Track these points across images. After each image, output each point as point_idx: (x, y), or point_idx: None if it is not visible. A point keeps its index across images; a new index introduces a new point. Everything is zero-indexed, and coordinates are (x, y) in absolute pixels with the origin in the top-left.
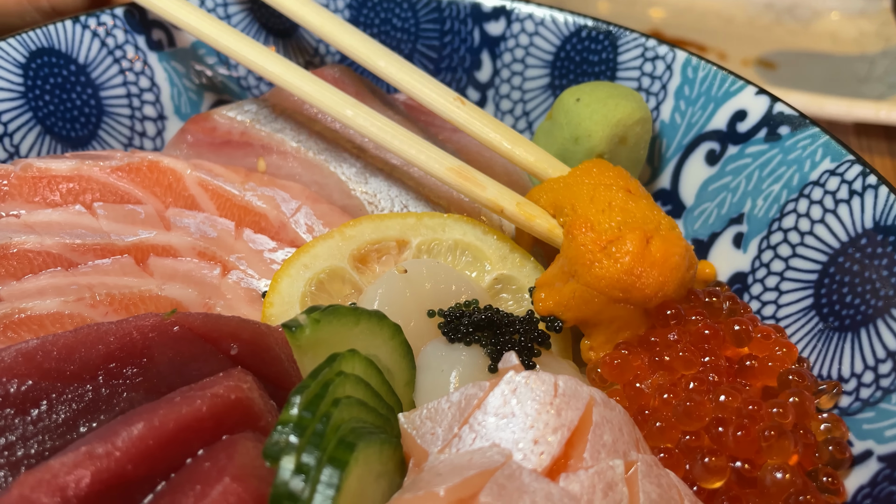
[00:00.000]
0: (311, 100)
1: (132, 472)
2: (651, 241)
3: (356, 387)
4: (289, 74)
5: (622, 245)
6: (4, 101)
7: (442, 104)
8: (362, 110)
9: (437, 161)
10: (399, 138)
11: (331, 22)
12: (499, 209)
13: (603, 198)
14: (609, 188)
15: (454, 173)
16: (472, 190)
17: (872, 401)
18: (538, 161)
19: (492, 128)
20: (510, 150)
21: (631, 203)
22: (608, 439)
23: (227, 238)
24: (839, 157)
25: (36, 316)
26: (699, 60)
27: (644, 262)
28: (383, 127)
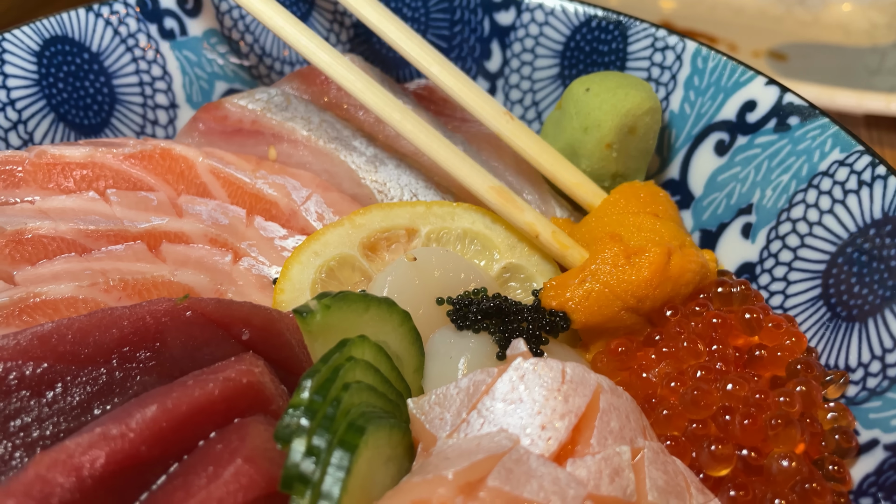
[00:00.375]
0: (369, 104)
1: (146, 453)
2: (671, 256)
3: (366, 372)
4: (369, 92)
5: (645, 257)
6: (19, 89)
7: (492, 117)
8: (409, 116)
9: (481, 180)
10: (450, 158)
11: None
12: (534, 234)
13: (631, 223)
14: (637, 215)
15: (495, 192)
16: (511, 212)
17: (879, 390)
18: (579, 185)
19: (536, 146)
20: (551, 170)
21: (658, 225)
22: (615, 426)
23: (238, 225)
24: (848, 147)
25: (51, 300)
26: (709, 51)
27: (662, 275)
28: (431, 144)
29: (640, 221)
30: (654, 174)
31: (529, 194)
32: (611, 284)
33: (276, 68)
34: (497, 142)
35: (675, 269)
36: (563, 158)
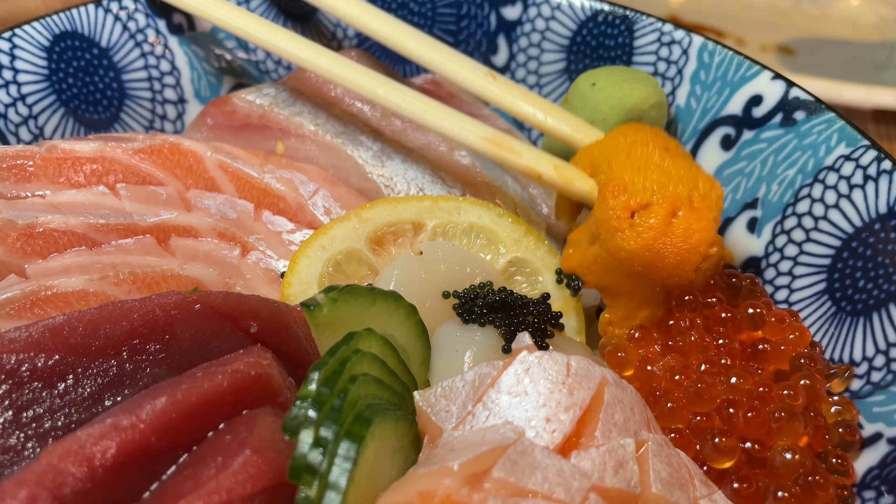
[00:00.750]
0: (340, 81)
1: (156, 443)
2: (678, 213)
3: (372, 364)
4: (319, 58)
5: (646, 218)
6: (29, 84)
7: (472, 81)
8: (393, 87)
9: (472, 132)
10: (431, 112)
11: (357, 7)
12: (536, 175)
13: (640, 154)
14: (646, 145)
15: (489, 143)
16: (508, 158)
17: (883, 384)
18: (574, 130)
19: (524, 100)
20: (544, 122)
21: (668, 161)
22: (619, 419)
23: (246, 219)
24: (854, 142)
25: (62, 293)
26: (715, 45)
27: (665, 238)
28: (415, 102)
29: (648, 154)
30: None
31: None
32: (612, 251)
33: (283, 63)
34: None
35: (679, 230)
36: (556, 108)
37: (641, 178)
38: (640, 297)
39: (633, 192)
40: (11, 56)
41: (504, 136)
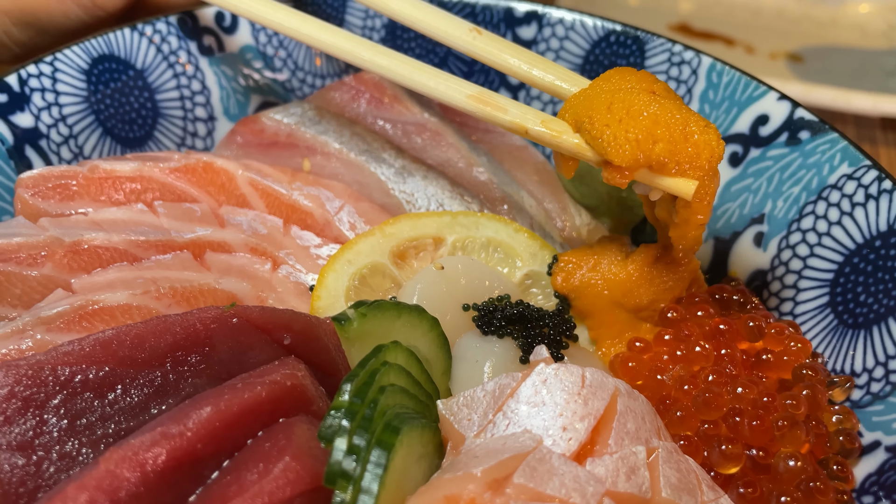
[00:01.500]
0: (325, 47)
1: (201, 450)
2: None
3: (399, 375)
4: (304, 26)
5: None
6: (70, 106)
7: (458, 38)
8: (378, 51)
9: (457, 90)
10: (417, 73)
11: None
12: (523, 130)
13: (622, 104)
14: (629, 92)
15: (474, 100)
16: (493, 114)
17: (882, 394)
18: (558, 78)
19: (509, 53)
20: (529, 73)
21: (654, 106)
22: (631, 427)
23: (276, 235)
24: (856, 161)
25: (108, 307)
26: (723, 66)
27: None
28: (400, 65)
29: (630, 102)
30: None
31: (550, 203)
32: (605, 283)
33: (308, 81)
34: (519, 153)
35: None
36: (540, 58)
37: (623, 131)
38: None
39: (618, 156)
40: (53, 79)
41: (490, 93)
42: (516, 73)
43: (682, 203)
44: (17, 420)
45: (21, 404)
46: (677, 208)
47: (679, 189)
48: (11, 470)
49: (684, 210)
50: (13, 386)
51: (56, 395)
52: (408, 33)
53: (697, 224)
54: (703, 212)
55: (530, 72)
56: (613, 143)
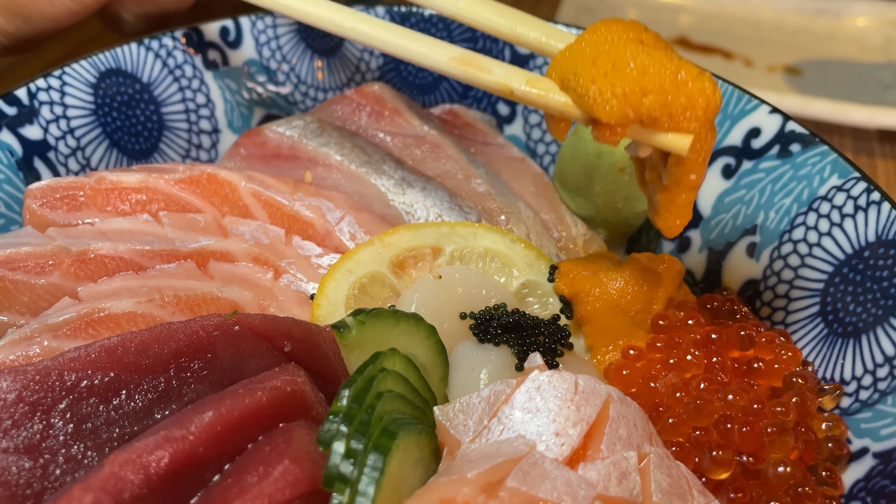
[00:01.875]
0: (305, 18)
1: (203, 453)
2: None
3: (396, 382)
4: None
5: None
6: (77, 118)
7: (440, 1)
8: (359, 18)
9: (439, 52)
10: (398, 38)
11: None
12: (508, 91)
13: (606, 58)
14: (615, 44)
15: (458, 62)
16: (477, 76)
17: (870, 402)
18: (544, 35)
19: (492, 11)
20: (511, 31)
21: (642, 56)
22: (623, 433)
23: (278, 244)
24: (846, 174)
25: (113, 315)
26: (716, 80)
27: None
28: (381, 31)
29: (616, 54)
30: None
31: (546, 214)
32: (604, 288)
33: (310, 95)
34: (516, 165)
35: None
36: (524, 15)
37: (610, 85)
38: (618, 330)
39: (605, 113)
40: (62, 93)
41: (473, 54)
42: (501, 32)
43: (675, 160)
44: (25, 424)
45: (28, 409)
46: (669, 167)
47: (673, 144)
48: (19, 472)
49: (676, 169)
50: (21, 391)
51: (62, 399)
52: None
53: (690, 186)
54: (696, 170)
55: (514, 29)
56: (599, 99)
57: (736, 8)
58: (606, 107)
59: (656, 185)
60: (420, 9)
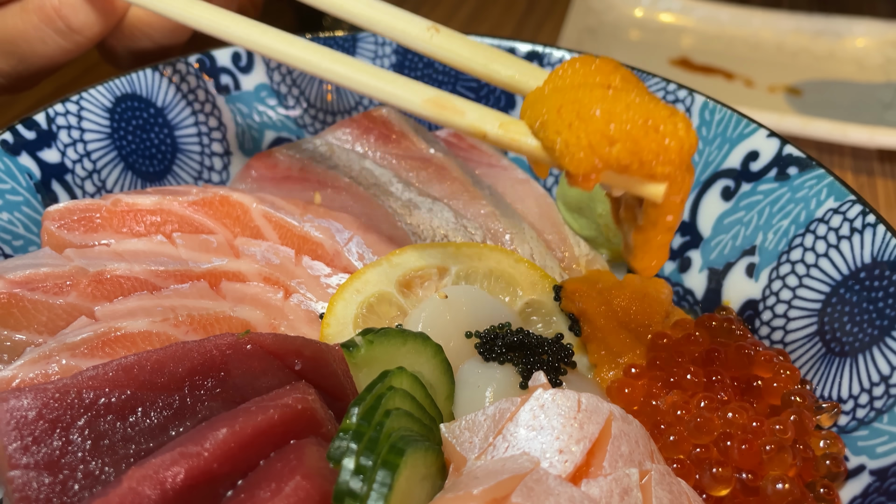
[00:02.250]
0: (284, 59)
1: (217, 469)
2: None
3: (404, 400)
4: (265, 38)
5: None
6: (94, 142)
7: (415, 37)
8: (337, 59)
9: (413, 94)
10: (375, 80)
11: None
12: (481, 134)
13: (571, 107)
14: (580, 90)
15: (432, 104)
16: (451, 119)
17: (867, 420)
18: (517, 73)
19: (466, 48)
20: (485, 69)
21: (608, 103)
22: (625, 450)
23: (288, 265)
24: (842, 196)
25: (129, 334)
26: (715, 104)
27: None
28: (360, 73)
29: (582, 100)
30: None
31: (550, 234)
32: (608, 304)
33: (319, 118)
34: (521, 186)
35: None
36: (499, 53)
37: (575, 137)
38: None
39: (573, 165)
40: (79, 117)
41: (447, 96)
42: (475, 70)
43: (651, 202)
44: (45, 440)
45: (48, 426)
46: (645, 208)
47: (647, 191)
48: (39, 488)
49: (652, 210)
50: (41, 408)
51: (81, 416)
52: (414, 72)
53: (666, 227)
54: (673, 211)
55: (488, 66)
56: (566, 151)
57: (737, 29)
58: (573, 159)
59: (632, 225)
60: None
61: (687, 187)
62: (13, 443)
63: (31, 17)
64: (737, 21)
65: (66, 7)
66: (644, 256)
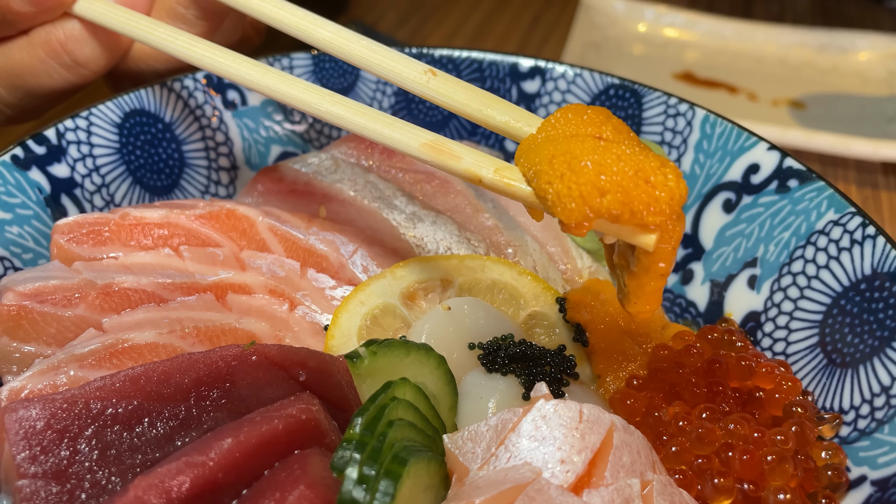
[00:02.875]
0: (284, 99)
1: (222, 479)
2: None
3: (407, 410)
4: (266, 79)
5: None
6: (103, 157)
7: (412, 80)
8: (337, 100)
9: (411, 137)
10: (373, 122)
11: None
12: (477, 179)
13: (562, 158)
14: (572, 140)
15: (428, 148)
16: (447, 163)
17: (868, 431)
18: (512, 119)
19: (462, 93)
20: (480, 113)
21: (599, 154)
22: (627, 461)
23: (293, 277)
24: (842, 208)
25: (136, 346)
26: (716, 118)
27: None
28: (357, 115)
29: (573, 151)
30: None
31: (553, 247)
32: (612, 313)
33: (324, 132)
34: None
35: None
36: (494, 98)
37: (566, 188)
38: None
39: (564, 215)
40: (88, 132)
41: (443, 141)
42: (470, 114)
43: (643, 249)
44: (53, 450)
45: (56, 436)
46: (637, 255)
47: (639, 240)
48: (47, 497)
49: (644, 257)
50: (49, 419)
51: (88, 427)
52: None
53: (658, 273)
54: (665, 259)
55: (483, 111)
56: (558, 202)
57: (740, 43)
58: (565, 210)
59: (625, 270)
60: (430, 49)
61: (678, 236)
62: (22, 452)
63: (38, 51)
64: (740, 35)
65: (71, 41)
66: (638, 301)
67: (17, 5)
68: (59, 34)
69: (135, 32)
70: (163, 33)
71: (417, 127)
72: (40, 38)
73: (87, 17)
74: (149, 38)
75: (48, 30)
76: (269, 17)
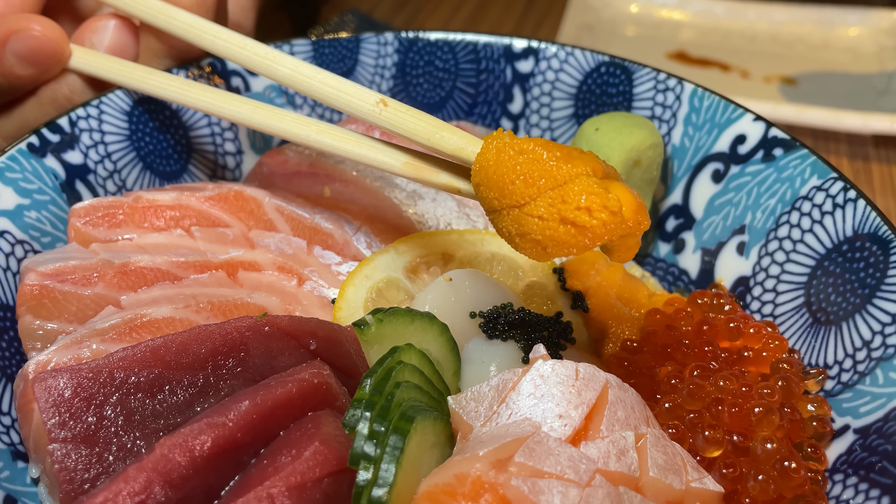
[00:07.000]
0: (275, 132)
1: (241, 438)
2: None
3: (413, 374)
4: (256, 115)
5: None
6: (114, 143)
7: (365, 111)
8: (323, 129)
9: (392, 158)
10: (357, 147)
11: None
12: (455, 190)
13: (509, 221)
14: (511, 209)
15: (409, 167)
16: (428, 178)
17: (850, 383)
18: (462, 145)
19: (413, 121)
20: (429, 140)
21: (525, 220)
22: (621, 415)
23: (300, 254)
24: (825, 174)
25: (154, 320)
26: (704, 91)
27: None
28: (342, 141)
29: (518, 217)
30: (660, 200)
31: None
32: (608, 281)
33: (326, 116)
34: None
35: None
36: (444, 125)
37: (517, 247)
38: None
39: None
40: (99, 120)
41: (423, 160)
42: (421, 142)
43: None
44: (81, 416)
45: (83, 403)
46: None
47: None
48: (77, 459)
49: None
50: (76, 387)
51: (113, 394)
52: (416, 70)
53: (632, 245)
54: (633, 246)
55: (431, 140)
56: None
57: (733, 22)
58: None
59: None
60: (426, 33)
61: (636, 237)
62: (52, 418)
63: (48, 108)
64: (732, 14)
65: (76, 95)
66: (619, 253)
67: (20, 70)
68: (64, 90)
69: (130, 82)
70: (156, 80)
71: (399, 149)
72: (48, 97)
73: (84, 70)
74: (143, 87)
75: (53, 87)
76: (233, 57)
